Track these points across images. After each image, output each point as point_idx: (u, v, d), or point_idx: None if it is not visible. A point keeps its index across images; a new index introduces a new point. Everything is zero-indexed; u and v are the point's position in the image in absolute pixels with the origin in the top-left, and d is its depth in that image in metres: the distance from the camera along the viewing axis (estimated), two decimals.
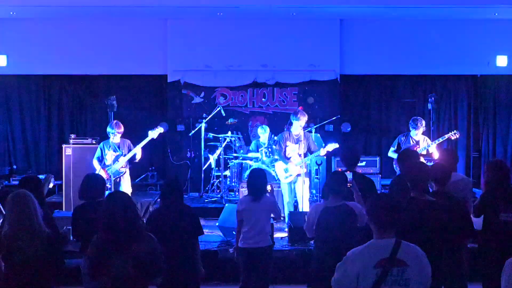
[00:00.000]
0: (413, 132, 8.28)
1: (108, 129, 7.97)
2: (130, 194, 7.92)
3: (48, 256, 3.83)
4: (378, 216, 3.17)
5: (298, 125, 7.84)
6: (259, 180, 5.39)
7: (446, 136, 8.45)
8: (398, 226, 3.19)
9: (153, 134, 8.02)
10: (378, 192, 5.85)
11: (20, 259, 3.80)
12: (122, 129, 7.93)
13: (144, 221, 4.53)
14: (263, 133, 9.53)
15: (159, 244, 3.71)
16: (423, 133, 8.40)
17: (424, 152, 8.15)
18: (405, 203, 4.12)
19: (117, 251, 3.46)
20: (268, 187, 7.60)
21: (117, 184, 7.85)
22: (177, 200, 4.75)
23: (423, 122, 8.31)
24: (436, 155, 7.96)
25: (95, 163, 7.96)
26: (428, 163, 6.27)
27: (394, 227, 3.18)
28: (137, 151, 7.88)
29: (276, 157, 8.32)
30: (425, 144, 8.22)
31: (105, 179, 7.76)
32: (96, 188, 4.94)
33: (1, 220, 4.80)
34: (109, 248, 3.48)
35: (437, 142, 8.32)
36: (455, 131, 8.53)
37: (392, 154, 8.38)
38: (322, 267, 4.40)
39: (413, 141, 8.27)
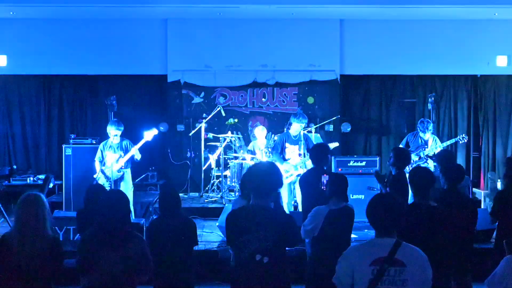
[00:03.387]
0: (422, 133, 8.26)
1: (108, 127, 7.96)
2: (131, 194, 7.97)
3: (49, 259, 3.80)
4: (377, 216, 3.14)
5: (298, 126, 7.85)
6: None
7: (454, 139, 8.46)
8: (400, 229, 3.16)
9: (148, 136, 8.00)
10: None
11: (20, 261, 3.76)
12: (122, 128, 7.93)
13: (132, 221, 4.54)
14: (259, 134, 9.49)
15: (155, 251, 3.76)
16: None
17: (432, 153, 8.12)
18: (408, 207, 4.13)
19: (107, 248, 3.55)
20: None
21: (118, 184, 7.86)
22: (174, 212, 4.70)
23: (431, 125, 8.28)
24: None
25: (96, 164, 7.97)
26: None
27: (394, 228, 3.14)
28: (134, 153, 7.87)
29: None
30: (434, 145, 8.19)
31: (106, 179, 7.86)
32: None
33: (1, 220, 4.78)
34: (100, 244, 3.57)
35: (445, 144, 8.31)
36: (463, 135, 8.49)
37: None
38: (322, 268, 4.39)
39: (422, 141, 8.22)
